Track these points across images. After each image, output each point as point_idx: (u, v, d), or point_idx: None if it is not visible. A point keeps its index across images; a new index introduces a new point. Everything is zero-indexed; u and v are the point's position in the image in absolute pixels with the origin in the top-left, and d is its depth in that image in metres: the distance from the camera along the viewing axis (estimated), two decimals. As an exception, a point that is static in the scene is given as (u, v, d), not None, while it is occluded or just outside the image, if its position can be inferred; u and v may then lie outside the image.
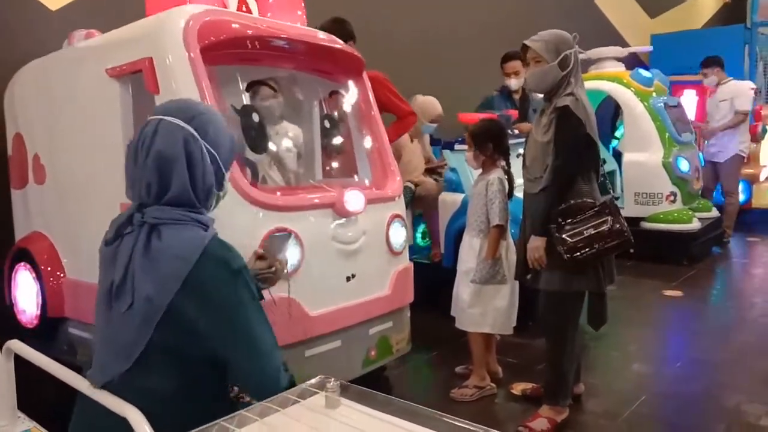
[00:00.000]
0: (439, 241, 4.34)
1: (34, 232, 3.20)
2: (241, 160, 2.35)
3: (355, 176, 2.95)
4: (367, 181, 2.91)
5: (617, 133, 6.55)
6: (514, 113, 4.79)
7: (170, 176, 1.38)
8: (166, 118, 1.41)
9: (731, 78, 6.42)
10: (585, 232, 2.52)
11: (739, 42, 8.93)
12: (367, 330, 2.65)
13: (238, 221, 2.19)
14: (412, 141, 4.56)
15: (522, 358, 3.45)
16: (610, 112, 6.52)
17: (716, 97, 6.33)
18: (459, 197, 4.13)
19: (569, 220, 2.54)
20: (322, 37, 2.84)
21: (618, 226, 2.53)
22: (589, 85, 6.16)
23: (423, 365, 3.53)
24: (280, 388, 1.33)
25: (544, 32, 2.70)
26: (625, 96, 5.88)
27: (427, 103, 4.55)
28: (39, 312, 3.10)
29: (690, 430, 2.77)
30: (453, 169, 4.30)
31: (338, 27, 3.66)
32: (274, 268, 1.82)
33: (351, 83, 3.00)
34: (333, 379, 0.96)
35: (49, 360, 1.51)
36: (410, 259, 3.01)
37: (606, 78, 6.06)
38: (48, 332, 3.07)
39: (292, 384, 1.36)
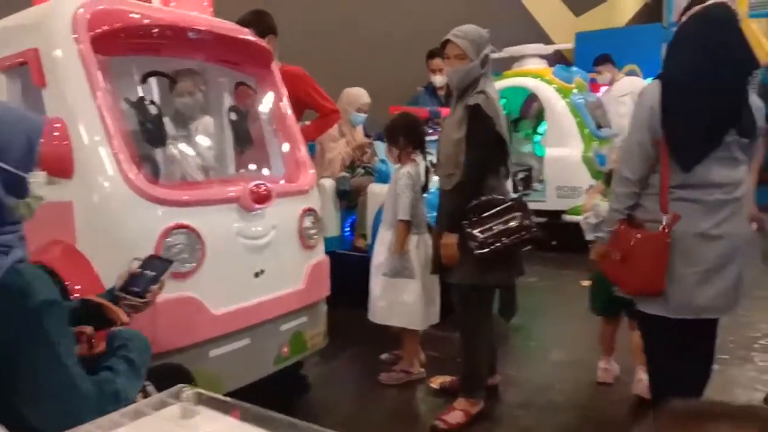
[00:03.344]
0: (362, 230, 4.32)
1: None
2: (136, 156, 2.24)
3: (266, 169, 2.87)
4: (278, 174, 2.83)
5: (540, 129, 6.73)
6: (444, 110, 4.82)
7: None
8: None
9: (621, 73, 6.72)
10: (494, 227, 2.57)
11: (656, 40, 9.32)
12: (279, 326, 2.58)
13: (133, 219, 2.10)
14: (343, 135, 4.53)
15: (442, 351, 3.47)
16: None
17: (613, 93, 6.44)
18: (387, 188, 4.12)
19: (480, 216, 2.58)
20: (227, 26, 2.75)
21: (526, 222, 2.60)
22: (512, 81, 6.38)
23: (346, 359, 3.51)
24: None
25: (465, 27, 2.70)
26: (547, 93, 6.04)
27: (353, 94, 4.57)
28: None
29: (603, 414, 2.88)
30: (383, 161, 4.28)
31: (257, 19, 3.55)
32: (145, 299, 1.65)
33: (259, 74, 2.90)
34: (188, 387, 0.92)
35: None
36: (338, 252, 2.94)
37: (529, 75, 6.20)
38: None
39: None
